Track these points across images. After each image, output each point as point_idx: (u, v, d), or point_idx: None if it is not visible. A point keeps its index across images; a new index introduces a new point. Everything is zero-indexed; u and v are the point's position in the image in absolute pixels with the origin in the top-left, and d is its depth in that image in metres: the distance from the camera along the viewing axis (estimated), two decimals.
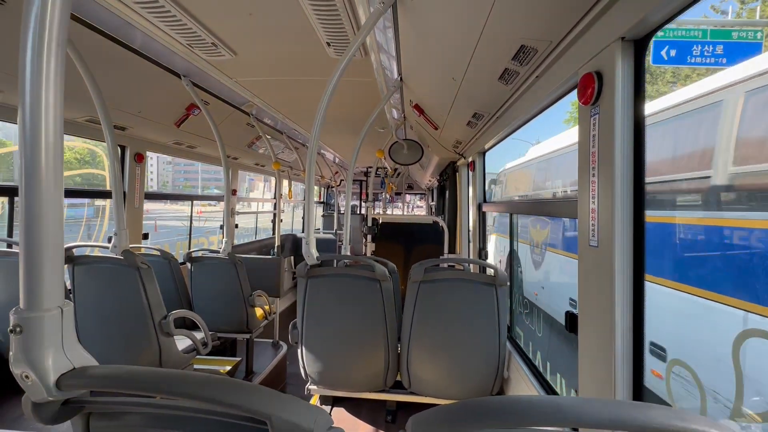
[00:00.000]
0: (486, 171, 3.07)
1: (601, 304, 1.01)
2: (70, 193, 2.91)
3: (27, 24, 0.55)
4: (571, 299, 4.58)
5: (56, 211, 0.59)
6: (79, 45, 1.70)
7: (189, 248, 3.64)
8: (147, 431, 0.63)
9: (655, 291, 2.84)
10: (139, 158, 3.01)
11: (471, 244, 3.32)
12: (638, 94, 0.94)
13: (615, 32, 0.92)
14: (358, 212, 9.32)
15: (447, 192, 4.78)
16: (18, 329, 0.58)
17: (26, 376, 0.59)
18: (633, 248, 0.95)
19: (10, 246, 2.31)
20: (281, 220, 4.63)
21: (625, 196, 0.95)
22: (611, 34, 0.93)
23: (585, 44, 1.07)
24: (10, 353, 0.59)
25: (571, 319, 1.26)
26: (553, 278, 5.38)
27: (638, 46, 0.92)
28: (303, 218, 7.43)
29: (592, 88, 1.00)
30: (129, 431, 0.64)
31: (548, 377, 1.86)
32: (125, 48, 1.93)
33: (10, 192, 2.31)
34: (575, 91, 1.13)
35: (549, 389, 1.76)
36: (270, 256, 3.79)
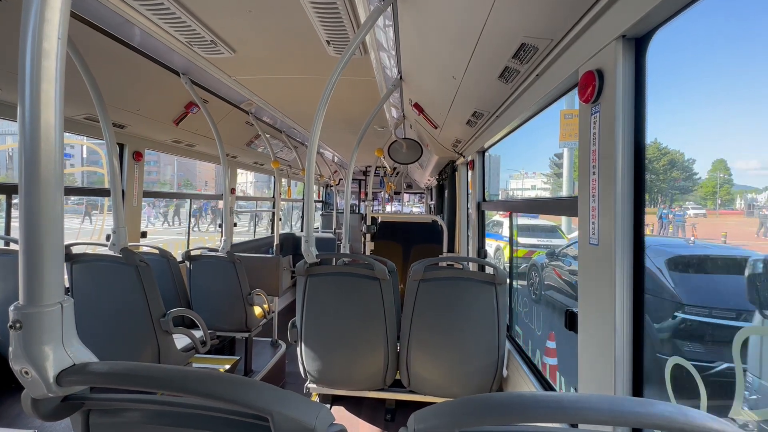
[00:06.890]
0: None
1: (601, 301, 1.01)
2: (69, 191, 2.90)
3: (27, 20, 0.54)
4: None
5: (56, 207, 0.58)
6: (77, 42, 1.69)
7: (188, 247, 3.63)
8: (147, 428, 0.63)
9: None
10: (138, 156, 3.00)
11: (470, 243, 3.32)
12: (639, 93, 0.94)
13: (616, 30, 0.92)
14: (357, 211, 9.32)
15: (446, 191, 4.78)
16: (18, 325, 0.58)
17: (26, 372, 0.59)
18: (633, 246, 0.95)
19: (7, 243, 2.30)
20: (280, 219, 4.62)
21: (626, 194, 0.95)
22: (612, 32, 0.93)
23: (586, 42, 1.07)
24: (10, 349, 0.59)
25: (571, 318, 1.26)
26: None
27: (639, 45, 0.92)
28: (302, 216, 7.43)
29: (592, 87, 1.00)
30: (129, 428, 0.64)
31: None
32: (124, 45, 1.92)
33: (7, 190, 2.30)
34: (575, 90, 1.13)
35: (548, 388, 1.76)
36: (269, 255, 3.78)
